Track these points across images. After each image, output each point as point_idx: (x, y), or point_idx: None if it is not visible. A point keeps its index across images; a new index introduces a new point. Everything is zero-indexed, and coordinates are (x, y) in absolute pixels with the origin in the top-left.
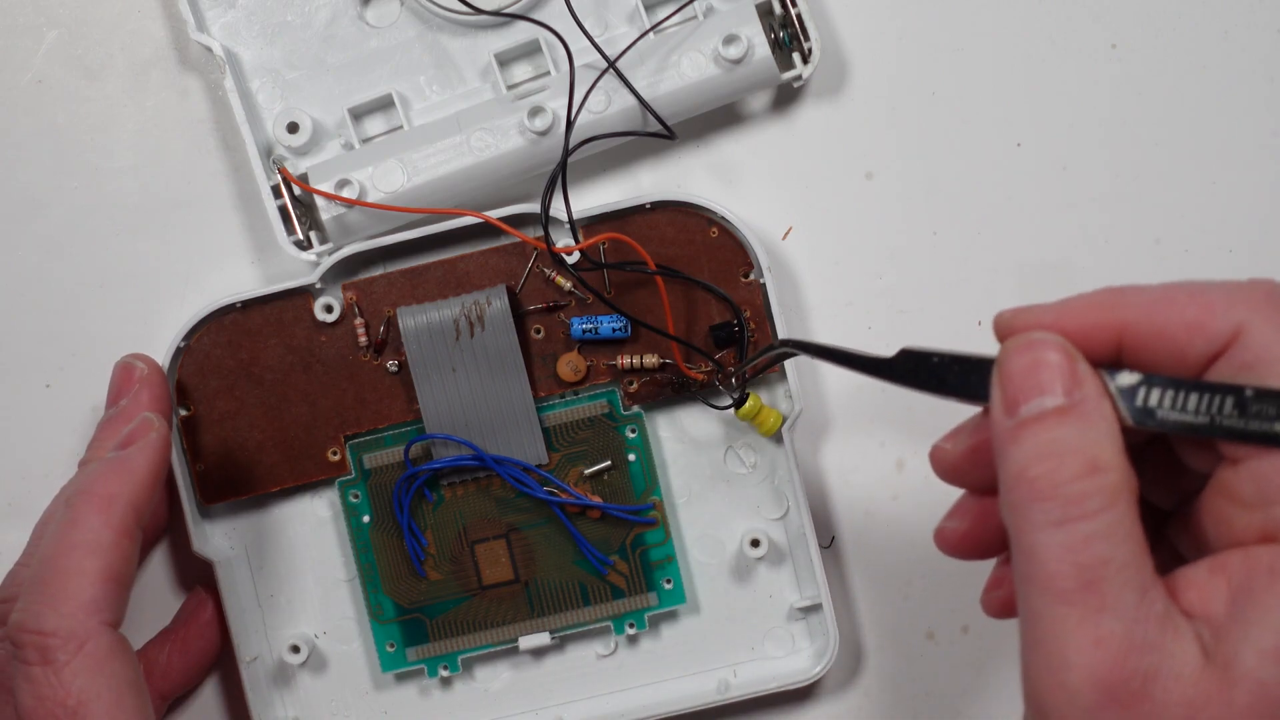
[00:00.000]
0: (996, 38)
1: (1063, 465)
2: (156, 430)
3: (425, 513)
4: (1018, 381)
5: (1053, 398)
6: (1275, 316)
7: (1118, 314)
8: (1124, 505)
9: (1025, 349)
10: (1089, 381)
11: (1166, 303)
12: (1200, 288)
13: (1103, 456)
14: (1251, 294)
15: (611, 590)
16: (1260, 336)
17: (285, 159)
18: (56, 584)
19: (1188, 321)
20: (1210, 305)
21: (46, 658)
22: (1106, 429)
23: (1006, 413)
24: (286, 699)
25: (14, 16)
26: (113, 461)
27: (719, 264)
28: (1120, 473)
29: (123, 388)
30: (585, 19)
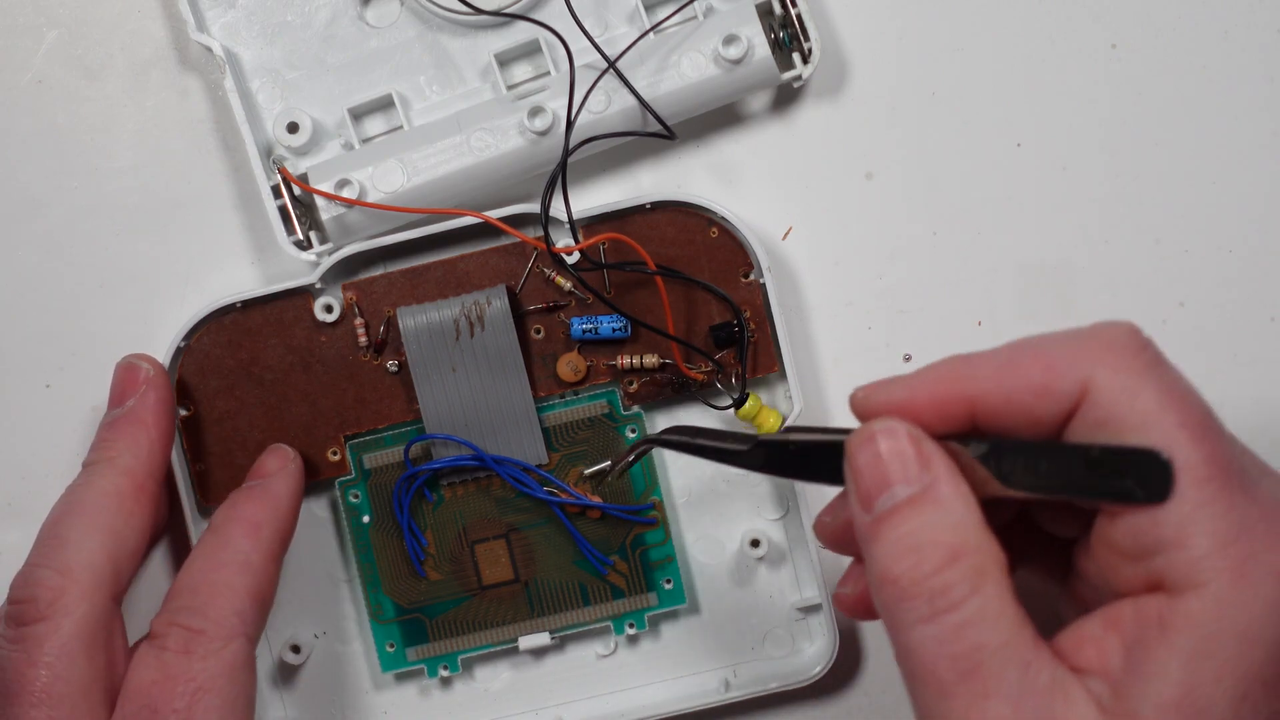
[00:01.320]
0: (996, 38)
1: (923, 559)
2: (293, 461)
3: (425, 513)
4: (867, 476)
5: (904, 487)
6: (1118, 367)
7: (966, 385)
8: (991, 585)
9: (868, 442)
10: (937, 463)
11: (1011, 368)
12: (1043, 346)
13: (961, 541)
14: (1092, 346)
15: (611, 590)
16: (1107, 393)
17: (285, 159)
18: (208, 593)
19: (1034, 386)
20: (1053, 365)
21: (188, 648)
22: (961, 510)
23: (863, 508)
24: (286, 699)
25: (14, 16)
26: (256, 489)
27: (719, 264)
28: (981, 553)
29: (127, 388)
30: (585, 19)
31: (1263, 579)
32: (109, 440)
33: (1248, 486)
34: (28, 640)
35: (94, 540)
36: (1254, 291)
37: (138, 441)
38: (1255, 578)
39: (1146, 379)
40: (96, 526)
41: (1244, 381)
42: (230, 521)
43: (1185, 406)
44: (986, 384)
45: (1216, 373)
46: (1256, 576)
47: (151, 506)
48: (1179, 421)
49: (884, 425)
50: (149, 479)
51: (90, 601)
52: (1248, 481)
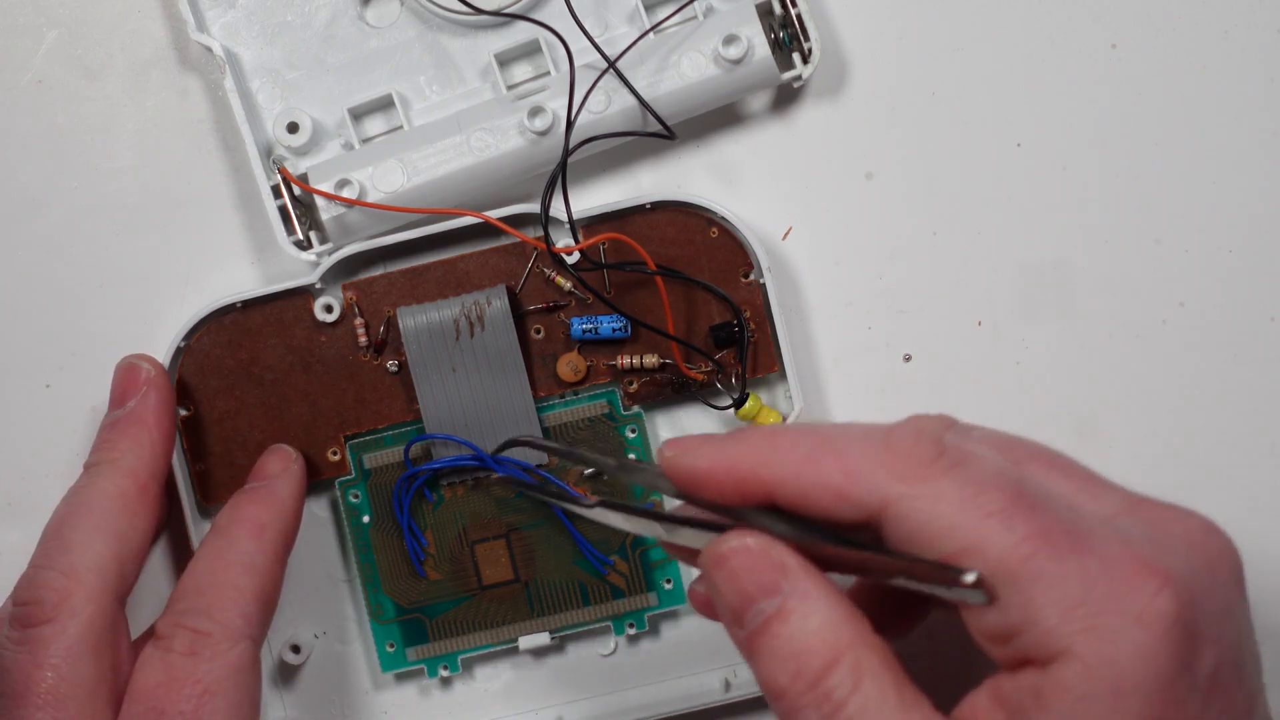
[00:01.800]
0: (996, 38)
1: (802, 670)
2: (295, 462)
3: (425, 513)
4: (729, 595)
5: (767, 602)
6: (915, 477)
7: (767, 471)
8: (869, 680)
9: (721, 563)
10: (793, 571)
11: (812, 464)
12: (845, 448)
13: (833, 643)
14: (888, 458)
15: (611, 590)
16: (906, 506)
17: (285, 159)
18: (213, 594)
19: (832, 489)
20: (852, 473)
21: (194, 650)
22: (826, 612)
23: (736, 625)
24: (286, 699)
25: (14, 16)
26: (259, 491)
27: (719, 264)
28: (856, 649)
29: (128, 389)
30: (585, 19)
31: (1119, 629)
32: (111, 441)
33: (1080, 544)
34: (33, 642)
35: (99, 542)
36: (1254, 291)
37: (140, 442)
38: (1111, 630)
39: (943, 484)
40: (101, 528)
41: (1244, 381)
42: (235, 523)
43: (988, 497)
44: (786, 475)
45: (1216, 373)
46: (1112, 629)
47: (154, 507)
48: (985, 513)
49: (733, 543)
50: (151, 480)
51: (96, 603)
52: (1079, 538)
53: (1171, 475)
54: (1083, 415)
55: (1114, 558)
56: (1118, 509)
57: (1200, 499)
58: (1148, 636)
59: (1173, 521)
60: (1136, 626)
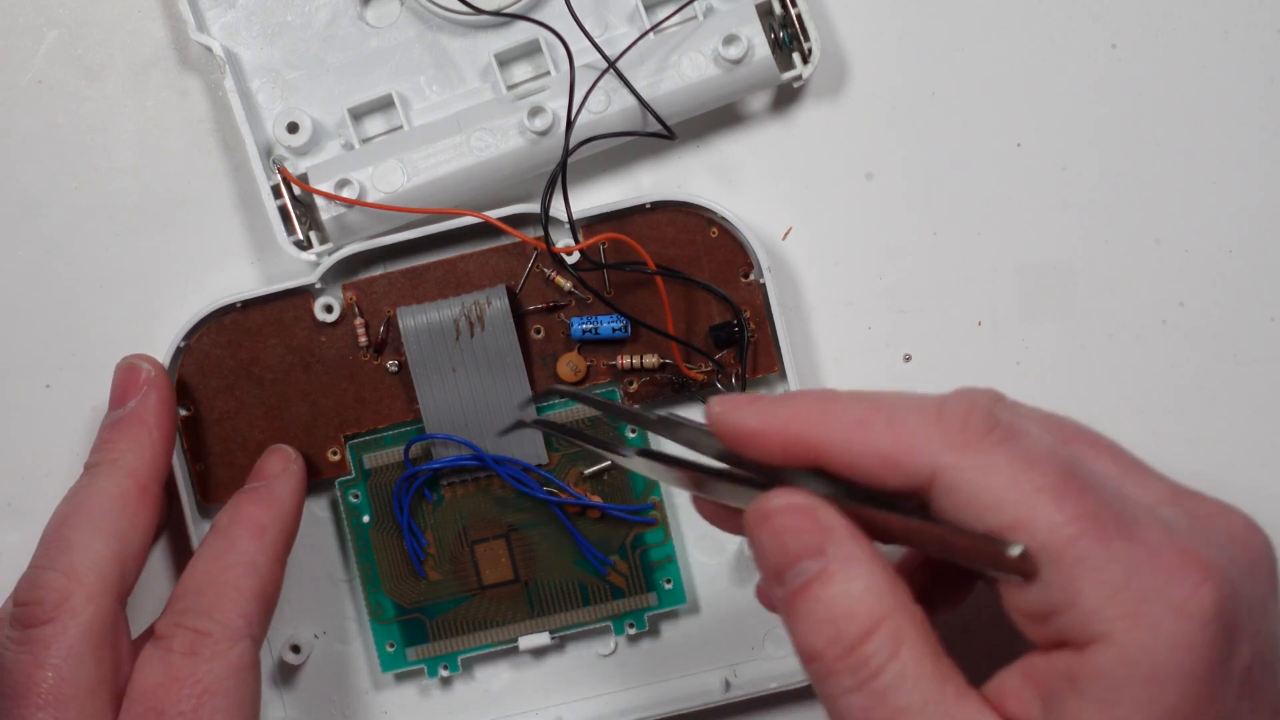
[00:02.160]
0: (996, 38)
1: (840, 633)
2: (295, 462)
3: (425, 513)
4: (772, 553)
5: (810, 563)
6: (967, 448)
7: (816, 433)
8: (907, 649)
9: (766, 519)
10: (838, 533)
11: (863, 431)
12: (897, 415)
13: (874, 608)
14: (942, 427)
15: (611, 590)
16: (957, 476)
17: (285, 159)
18: (214, 594)
19: (882, 457)
20: (902, 440)
21: (194, 649)
22: (868, 577)
23: (775, 582)
24: (286, 699)
25: (14, 16)
26: (260, 491)
27: (719, 264)
28: (895, 616)
29: (128, 389)
30: (585, 19)
31: (1159, 618)
32: (111, 441)
33: (1126, 529)
34: (34, 642)
35: (99, 542)
36: (1254, 291)
37: (140, 442)
38: (1152, 619)
39: (995, 457)
40: (101, 528)
41: (1244, 381)
42: (235, 523)
43: (1040, 472)
44: (836, 440)
45: (1216, 373)
46: (1153, 617)
47: (155, 507)
48: (1036, 488)
49: (779, 501)
50: (152, 480)
51: (97, 603)
52: (1125, 523)
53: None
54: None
55: (1158, 546)
56: (1161, 497)
57: None
58: (1187, 628)
59: (1216, 515)
60: (1177, 617)
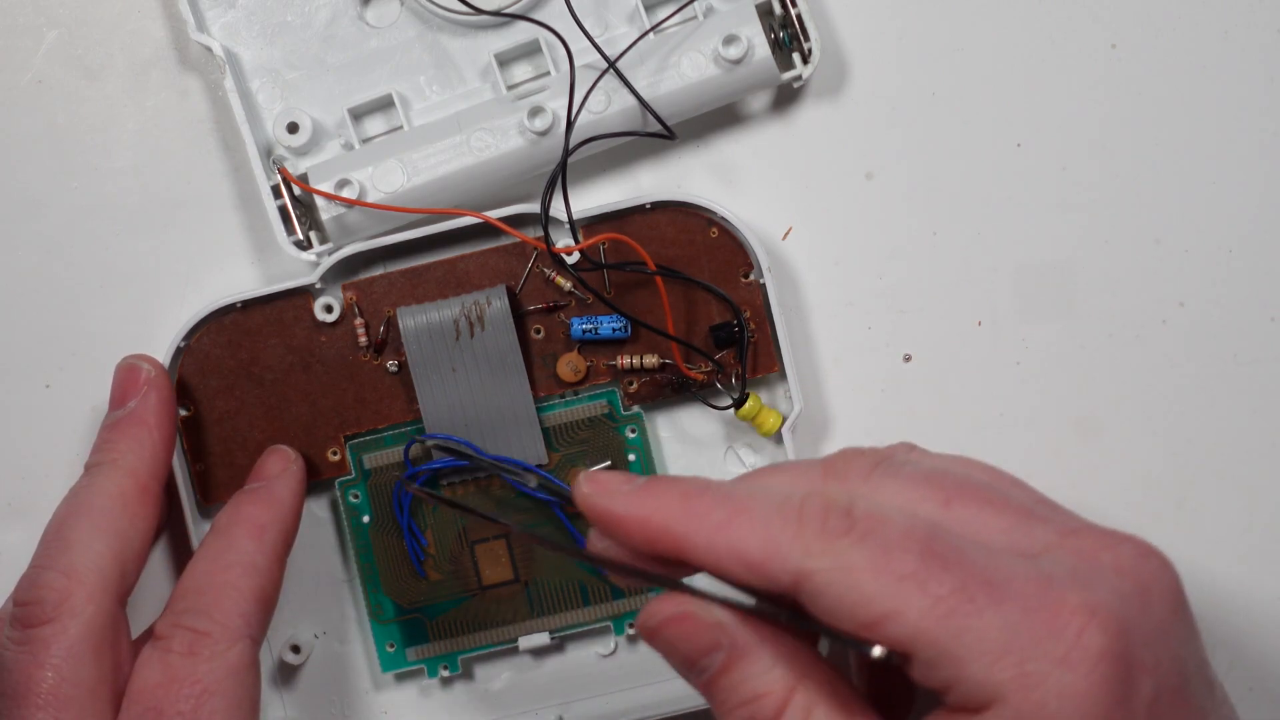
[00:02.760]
0: (996, 38)
1: (756, 715)
2: (295, 463)
3: (425, 513)
4: (674, 658)
5: (709, 658)
6: (831, 551)
7: (681, 529)
8: (820, 708)
9: (654, 635)
10: (727, 626)
11: (724, 533)
12: (761, 519)
13: (780, 685)
14: (805, 527)
15: (611, 590)
16: (823, 580)
17: (285, 159)
18: (213, 595)
19: (745, 562)
20: (766, 548)
21: (193, 649)
22: (768, 656)
23: (689, 675)
24: (286, 699)
25: (14, 16)
26: (259, 491)
27: (719, 264)
28: (802, 688)
29: (128, 389)
30: (585, 19)
31: (1046, 674)
32: (111, 441)
33: (997, 593)
34: (34, 643)
35: (100, 542)
36: (1254, 291)
37: (140, 442)
38: (1038, 676)
39: (855, 555)
40: (101, 528)
41: (1244, 381)
42: (234, 523)
43: (899, 561)
44: (700, 541)
45: (1216, 373)
46: (1039, 674)
47: (155, 507)
48: (898, 577)
49: (661, 614)
50: (152, 480)
51: (97, 603)
52: (995, 588)
53: (1171, 475)
54: (1083, 415)
55: (1035, 601)
56: (1048, 543)
57: (1200, 499)
58: (1074, 677)
59: (1102, 550)
60: (1062, 668)
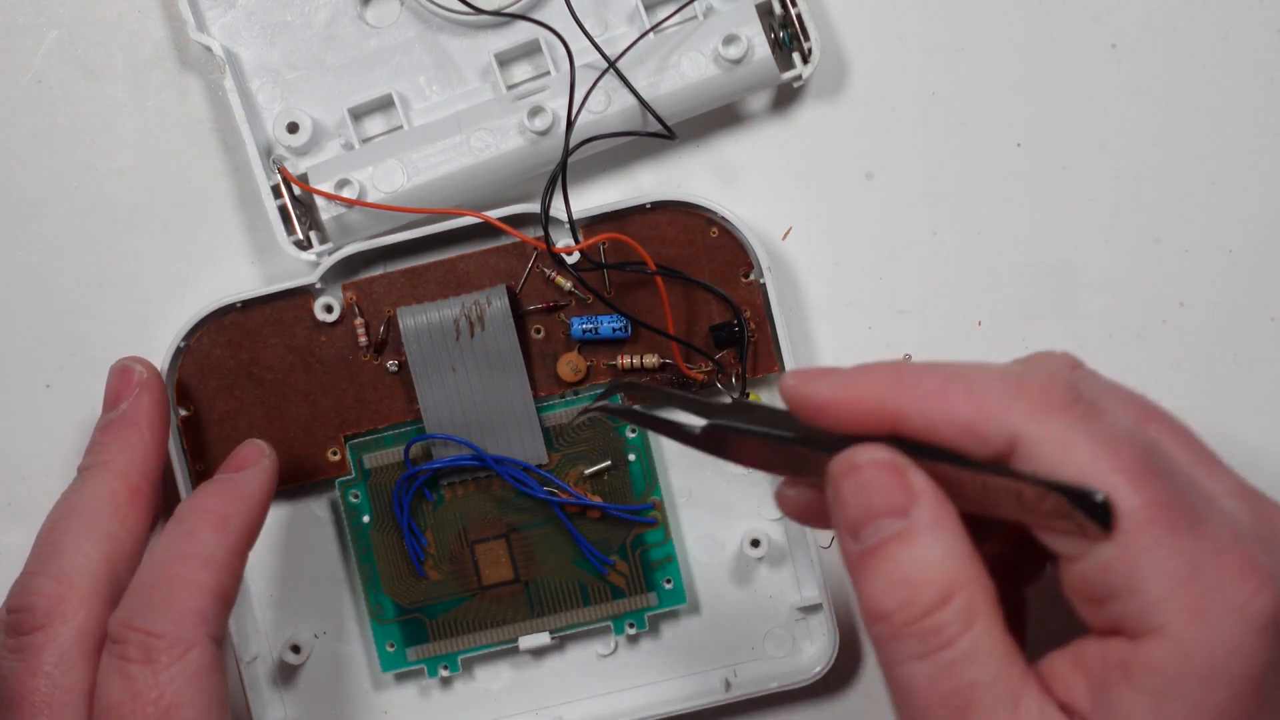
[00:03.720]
0: (996, 38)
1: (915, 597)
2: (268, 457)
3: (425, 513)
4: (852, 506)
5: (890, 522)
6: (1049, 419)
7: (894, 402)
8: (981, 621)
9: (852, 472)
10: (924, 496)
11: (941, 399)
12: (975, 384)
13: (952, 577)
14: (1023, 396)
15: (611, 590)
16: (1038, 446)
17: (285, 159)
18: (168, 589)
19: (961, 425)
20: (983, 409)
21: (150, 657)
22: (950, 543)
23: (850, 538)
24: (286, 699)
25: (14, 16)
26: (226, 482)
27: (719, 264)
28: (971, 589)
29: (121, 391)
30: (585, 19)
31: (1221, 617)
32: (103, 444)
33: (1196, 523)
34: (27, 650)
35: (90, 546)
36: (1254, 291)
37: (131, 444)
38: (1213, 616)
39: (1077, 431)
40: (92, 532)
41: (1244, 381)
42: (196, 512)
43: (1120, 453)
44: (914, 409)
45: (1216, 373)
46: (1214, 615)
47: (147, 508)
48: (1114, 468)
49: (869, 455)
50: (144, 480)
51: (88, 607)
52: (1195, 518)
53: None
54: None
55: (1225, 546)
56: (1229, 491)
57: None
58: (1246, 631)
59: (1277, 519)
60: (1238, 619)
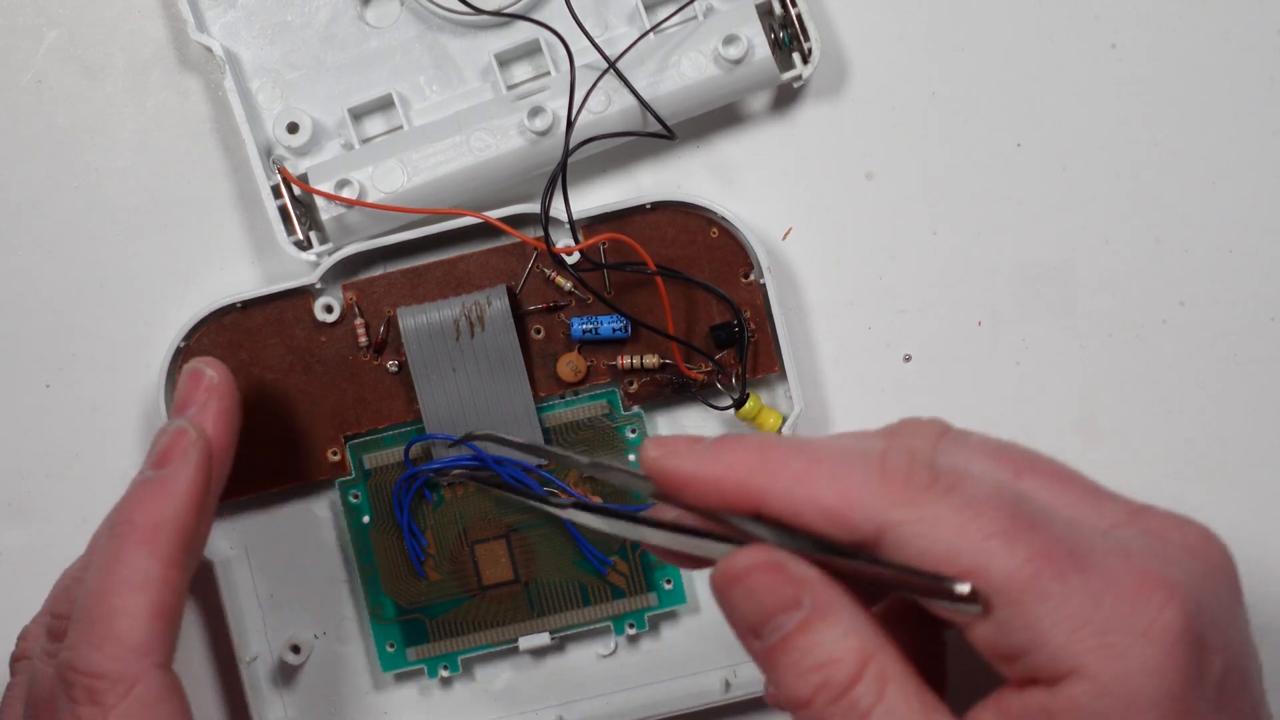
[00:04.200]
0: (996, 38)
1: (829, 680)
2: (194, 443)
3: (425, 513)
4: (748, 612)
5: (787, 616)
6: (913, 501)
7: (758, 481)
8: (893, 687)
9: (736, 581)
10: (811, 584)
11: (805, 484)
12: (841, 469)
13: (858, 652)
14: (889, 479)
15: (611, 590)
16: (906, 530)
17: (285, 159)
18: (103, 624)
19: (826, 510)
20: (847, 495)
21: (95, 699)
22: (846, 622)
23: (751, 638)
24: (286, 699)
25: (14, 16)
26: (152, 484)
27: (719, 264)
28: (880, 656)
29: (190, 395)
30: (585, 19)
31: (1128, 645)
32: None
33: (1082, 561)
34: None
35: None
36: (1254, 291)
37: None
38: (1121, 647)
39: (941, 508)
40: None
41: (1244, 381)
42: (124, 526)
43: (987, 519)
44: (779, 491)
45: (1216, 373)
46: (1122, 645)
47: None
48: (984, 534)
49: (748, 560)
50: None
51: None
52: (1080, 555)
53: (1171, 476)
54: (1083, 415)
55: (1118, 572)
56: (1118, 519)
57: (1199, 499)
58: (1157, 651)
59: (1172, 530)
60: (1145, 641)
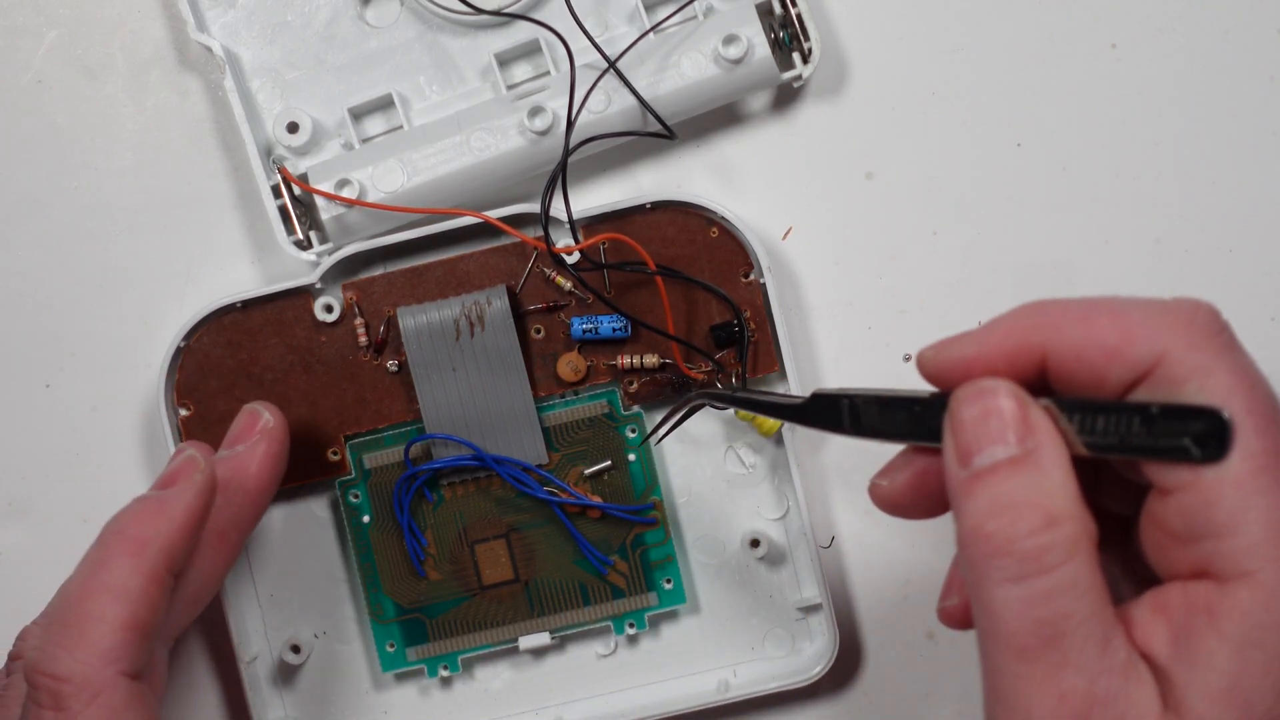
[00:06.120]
0: (996, 38)
1: (1019, 519)
2: (201, 473)
3: (425, 513)
4: (969, 431)
5: (1005, 448)
6: (1194, 344)
7: (1040, 336)
8: (1083, 556)
9: (975, 398)
10: (1042, 428)
11: (1085, 323)
12: (1122, 308)
13: (1059, 507)
14: (1172, 318)
15: (611, 590)
16: (1179, 367)
17: (285, 159)
18: (75, 628)
19: (1106, 346)
20: (1129, 331)
21: (59, 704)
22: (1061, 476)
23: (960, 463)
24: (286, 699)
25: (14, 16)
26: (150, 501)
27: (719, 264)
28: (1077, 522)
29: (243, 433)
30: (585, 19)
31: None
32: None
33: None
34: None
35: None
36: (1254, 291)
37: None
38: None
39: (1220, 361)
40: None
41: None
42: (113, 537)
43: (1254, 395)
44: (1060, 336)
45: None
46: None
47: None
48: (1246, 408)
49: (992, 384)
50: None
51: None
52: None
53: None
54: None
55: None
56: None
57: None
58: None
59: None
60: None
